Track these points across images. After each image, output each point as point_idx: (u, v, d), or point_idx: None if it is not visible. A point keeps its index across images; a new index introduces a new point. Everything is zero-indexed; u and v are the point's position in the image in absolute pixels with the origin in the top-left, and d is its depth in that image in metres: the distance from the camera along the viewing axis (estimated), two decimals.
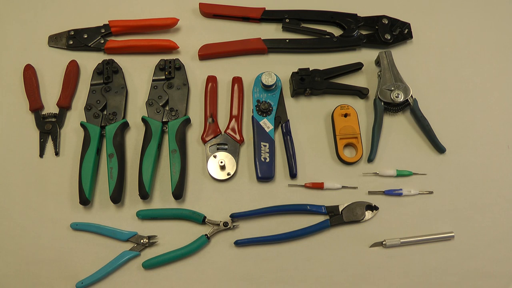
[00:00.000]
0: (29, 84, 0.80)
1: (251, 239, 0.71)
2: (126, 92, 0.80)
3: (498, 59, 0.86)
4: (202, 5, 0.86)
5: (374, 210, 0.74)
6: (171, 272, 0.70)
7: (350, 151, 0.78)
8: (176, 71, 0.81)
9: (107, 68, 0.80)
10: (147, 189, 0.72)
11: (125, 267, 0.70)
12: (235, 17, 0.86)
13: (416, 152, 0.78)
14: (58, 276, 0.70)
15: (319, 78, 0.80)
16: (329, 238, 0.73)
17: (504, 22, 0.89)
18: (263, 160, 0.74)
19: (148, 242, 0.71)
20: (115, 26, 0.83)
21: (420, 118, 0.78)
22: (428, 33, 0.87)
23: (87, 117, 0.77)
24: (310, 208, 0.73)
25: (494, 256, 0.73)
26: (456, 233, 0.73)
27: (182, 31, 0.86)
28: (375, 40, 0.85)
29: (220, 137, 0.77)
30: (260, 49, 0.83)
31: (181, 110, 0.78)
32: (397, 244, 0.72)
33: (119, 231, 0.71)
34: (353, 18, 0.86)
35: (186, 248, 0.70)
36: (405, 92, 0.79)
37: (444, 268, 0.72)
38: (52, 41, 0.84)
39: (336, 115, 0.78)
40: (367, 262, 0.72)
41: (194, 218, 0.72)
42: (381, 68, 0.81)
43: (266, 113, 0.77)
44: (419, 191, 0.75)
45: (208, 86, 0.80)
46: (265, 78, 0.78)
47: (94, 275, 0.69)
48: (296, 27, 0.85)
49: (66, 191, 0.74)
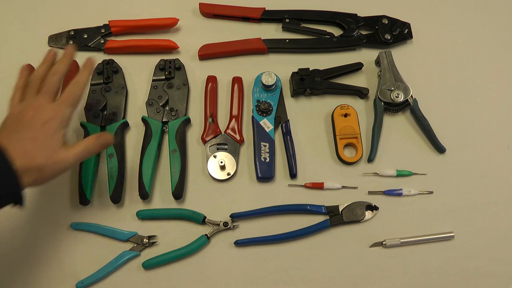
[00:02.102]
0: None
1: (251, 239, 0.71)
2: (126, 92, 0.80)
3: (498, 59, 0.86)
4: (202, 5, 0.86)
5: (374, 210, 0.74)
6: (171, 272, 0.70)
7: (350, 151, 0.78)
8: (176, 71, 0.81)
9: (107, 68, 0.80)
10: (147, 189, 0.72)
11: (125, 267, 0.70)
12: (235, 17, 0.86)
13: (416, 152, 0.78)
14: (58, 276, 0.70)
15: (319, 78, 0.80)
16: (329, 238, 0.73)
17: (504, 22, 0.89)
18: (263, 160, 0.74)
19: (148, 242, 0.71)
20: (115, 26, 0.83)
21: (420, 118, 0.78)
22: (428, 33, 0.87)
23: (87, 117, 0.77)
24: (310, 208, 0.73)
25: (494, 256, 0.73)
26: (456, 233, 0.73)
27: (182, 31, 0.86)
28: (375, 40, 0.85)
29: (220, 137, 0.77)
30: (260, 49, 0.83)
31: (181, 110, 0.78)
32: (397, 244, 0.72)
33: (119, 231, 0.71)
34: (353, 18, 0.86)
35: (186, 248, 0.70)
36: (405, 92, 0.79)
37: (444, 268, 0.72)
38: (52, 41, 0.84)
39: (336, 115, 0.78)
40: (367, 262, 0.72)
41: (194, 218, 0.72)
42: (381, 68, 0.81)
43: (266, 113, 0.77)
44: (419, 191, 0.75)
45: (208, 86, 0.80)
46: (265, 78, 0.78)
47: (94, 275, 0.69)
48: (296, 27, 0.85)
49: (66, 191, 0.74)
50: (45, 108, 0.61)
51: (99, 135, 0.64)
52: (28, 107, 0.61)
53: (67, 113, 0.62)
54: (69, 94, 0.63)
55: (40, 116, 0.60)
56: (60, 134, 0.60)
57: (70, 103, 0.63)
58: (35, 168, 0.56)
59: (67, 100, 0.63)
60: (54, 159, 0.58)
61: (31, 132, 0.58)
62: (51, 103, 0.62)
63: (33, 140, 0.58)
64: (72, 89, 0.64)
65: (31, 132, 0.58)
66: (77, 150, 0.61)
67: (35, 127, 0.59)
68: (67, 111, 0.62)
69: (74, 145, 0.61)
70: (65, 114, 0.61)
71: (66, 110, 0.62)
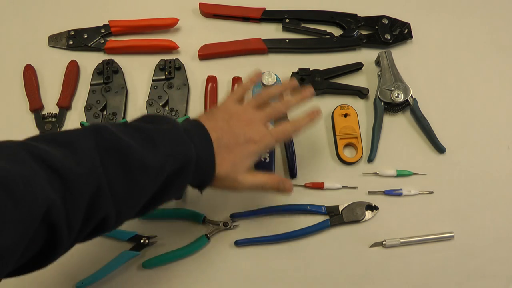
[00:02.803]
0: (29, 84, 0.80)
1: (251, 239, 0.71)
2: (126, 92, 0.80)
3: (498, 59, 0.86)
4: (202, 5, 0.86)
5: (374, 210, 0.74)
6: (171, 272, 0.70)
7: (350, 151, 0.78)
8: (176, 71, 0.81)
9: (107, 68, 0.80)
10: None
11: (125, 267, 0.70)
12: (235, 17, 0.86)
13: (416, 152, 0.78)
14: (58, 276, 0.70)
15: (319, 78, 0.80)
16: (329, 238, 0.73)
17: (504, 22, 0.89)
18: (263, 160, 0.74)
19: (148, 242, 0.71)
20: (115, 26, 0.83)
21: (420, 118, 0.78)
22: (428, 33, 0.87)
23: (87, 117, 0.77)
24: (310, 208, 0.73)
25: (494, 256, 0.73)
26: (456, 233, 0.73)
27: (182, 31, 0.86)
28: (375, 40, 0.85)
29: None
30: (260, 49, 0.83)
31: (181, 110, 0.78)
32: (397, 244, 0.72)
33: (119, 231, 0.71)
34: (353, 18, 0.86)
35: (186, 248, 0.70)
36: (405, 92, 0.79)
37: (444, 268, 0.72)
38: (52, 41, 0.84)
39: (336, 115, 0.78)
40: (367, 262, 0.72)
41: (194, 218, 0.72)
42: (381, 68, 0.81)
43: None
44: (419, 191, 0.75)
45: (208, 86, 0.80)
46: (265, 78, 0.78)
47: (94, 275, 0.68)
48: (296, 27, 0.85)
49: None
50: (257, 128, 0.58)
51: (284, 181, 0.62)
52: (244, 114, 0.59)
53: (271, 145, 0.59)
54: (283, 130, 0.61)
55: (250, 132, 0.57)
56: (252, 160, 0.58)
57: (278, 138, 0.60)
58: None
59: (278, 134, 0.60)
60: (233, 177, 0.56)
61: (232, 141, 0.56)
62: (263, 127, 0.59)
63: (229, 151, 0.55)
64: (287, 127, 0.61)
65: (232, 142, 0.56)
66: (255, 181, 0.59)
67: (238, 140, 0.56)
68: (271, 143, 0.59)
69: (255, 175, 0.59)
70: (269, 144, 0.59)
71: (272, 141, 0.59)
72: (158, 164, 0.49)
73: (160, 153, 0.49)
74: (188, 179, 0.53)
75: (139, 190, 0.48)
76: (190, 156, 0.51)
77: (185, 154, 0.51)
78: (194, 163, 0.52)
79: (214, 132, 0.55)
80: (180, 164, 0.51)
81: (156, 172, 0.49)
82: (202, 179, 0.55)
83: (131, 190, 0.47)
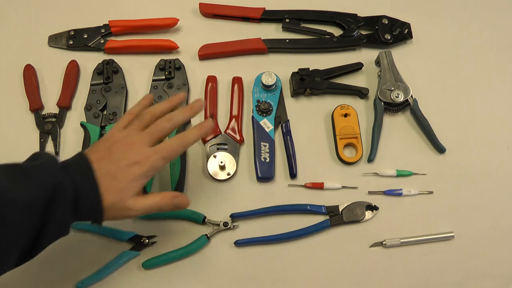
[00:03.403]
0: (29, 84, 0.80)
1: (251, 239, 0.71)
2: (126, 92, 0.80)
3: (498, 59, 0.86)
4: (202, 5, 0.86)
5: (374, 210, 0.74)
6: (171, 272, 0.70)
7: (350, 151, 0.78)
8: (176, 71, 0.81)
9: (107, 68, 0.80)
10: (148, 189, 0.72)
11: (125, 267, 0.70)
12: (235, 17, 0.86)
13: (416, 152, 0.78)
14: (58, 276, 0.70)
15: (319, 78, 0.80)
16: (329, 238, 0.73)
17: (504, 22, 0.89)
18: (263, 160, 0.74)
19: (148, 242, 0.71)
20: (115, 26, 0.83)
21: (420, 118, 0.78)
22: (428, 33, 0.87)
23: (87, 117, 0.77)
24: (310, 208, 0.73)
25: (494, 256, 0.73)
26: (456, 233, 0.73)
27: (182, 31, 0.86)
28: (375, 40, 0.85)
29: (220, 137, 0.77)
30: (260, 49, 0.83)
31: None
32: (397, 244, 0.72)
33: (119, 231, 0.71)
34: (353, 18, 0.86)
35: (186, 248, 0.70)
36: (405, 92, 0.79)
37: (444, 268, 0.72)
38: (52, 41, 0.84)
39: (336, 115, 0.78)
40: (367, 262, 0.72)
41: (194, 218, 0.72)
42: (381, 68, 0.81)
43: (266, 113, 0.77)
44: (419, 191, 0.75)
45: (208, 86, 0.80)
46: (265, 78, 0.78)
47: (94, 275, 0.69)
48: (296, 27, 0.85)
49: None
50: (138, 149, 0.56)
51: (177, 196, 0.59)
52: (124, 140, 0.57)
53: (158, 165, 0.56)
54: (169, 147, 0.57)
55: (130, 155, 0.55)
56: (140, 183, 0.55)
57: (165, 156, 0.56)
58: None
59: (164, 152, 0.56)
60: (121, 205, 0.54)
61: (113, 167, 0.54)
62: (147, 147, 0.56)
63: (112, 178, 0.53)
64: (174, 143, 0.58)
65: (113, 168, 0.54)
66: (147, 204, 0.56)
67: (120, 166, 0.54)
68: (158, 163, 0.56)
69: (147, 197, 0.57)
70: (154, 164, 0.55)
71: (158, 161, 0.56)
72: (28, 197, 0.48)
73: (31, 186, 0.49)
74: (68, 210, 0.51)
75: (9, 227, 0.47)
76: (61, 183, 0.50)
77: (56, 182, 0.50)
78: (72, 192, 0.51)
79: (96, 162, 0.54)
80: (51, 192, 0.49)
81: (26, 205, 0.48)
82: (89, 210, 0.53)
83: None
